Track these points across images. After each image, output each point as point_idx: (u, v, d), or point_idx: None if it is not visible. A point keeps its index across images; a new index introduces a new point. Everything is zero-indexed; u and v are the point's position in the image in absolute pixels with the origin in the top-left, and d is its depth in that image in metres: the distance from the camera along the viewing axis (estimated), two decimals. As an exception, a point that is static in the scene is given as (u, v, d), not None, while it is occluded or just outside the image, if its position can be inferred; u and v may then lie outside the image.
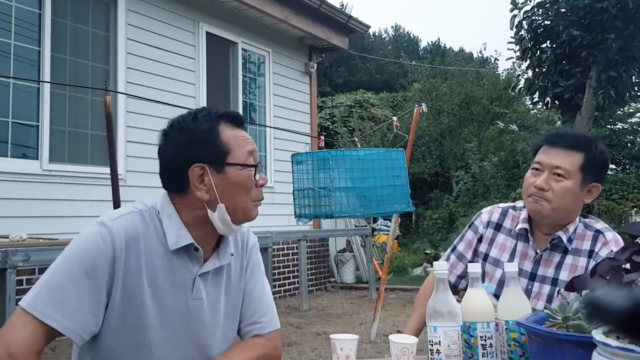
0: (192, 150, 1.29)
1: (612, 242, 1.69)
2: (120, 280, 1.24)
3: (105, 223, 1.25)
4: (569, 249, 1.71)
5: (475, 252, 1.87)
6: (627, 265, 1.02)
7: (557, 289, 1.70)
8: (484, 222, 1.88)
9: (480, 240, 1.87)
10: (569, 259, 1.72)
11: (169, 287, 1.30)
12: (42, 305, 1.18)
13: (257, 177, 1.34)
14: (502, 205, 1.91)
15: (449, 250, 1.97)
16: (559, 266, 1.72)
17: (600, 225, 1.76)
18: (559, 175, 1.67)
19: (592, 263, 1.68)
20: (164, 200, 1.34)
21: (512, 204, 1.88)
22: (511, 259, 1.78)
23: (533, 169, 1.73)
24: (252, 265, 1.48)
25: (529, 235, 1.77)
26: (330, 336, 1.42)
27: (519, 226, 1.78)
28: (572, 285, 1.15)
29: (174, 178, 1.32)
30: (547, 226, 1.74)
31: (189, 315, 1.32)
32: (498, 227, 1.85)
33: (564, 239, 1.71)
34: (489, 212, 1.89)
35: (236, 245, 1.45)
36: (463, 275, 1.86)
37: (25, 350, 1.16)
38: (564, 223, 1.72)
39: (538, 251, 1.75)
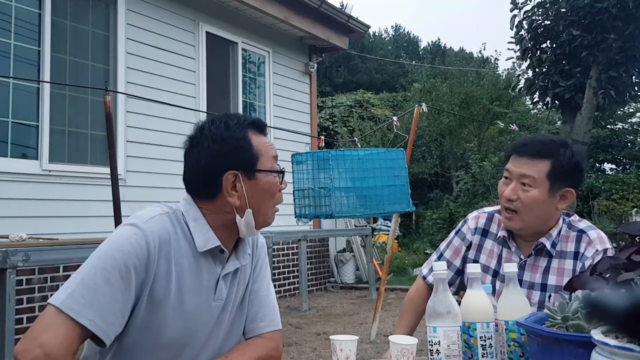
0: (226, 159, 1.32)
1: (597, 240, 1.68)
2: (151, 282, 1.26)
3: (138, 225, 1.26)
4: (554, 253, 1.70)
5: (465, 260, 1.86)
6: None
7: (548, 294, 1.68)
8: (471, 229, 1.87)
9: (469, 247, 1.86)
10: (554, 262, 1.70)
11: (195, 289, 1.32)
12: (77, 304, 1.18)
13: (282, 182, 1.39)
14: (487, 209, 1.89)
15: (434, 257, 1.95)
16: (546, 271, 1.70)
17: (583, 224, 1.74)
18: (525, 184, 1.65)
19: (579, 264, 1.67)
20: (188, 203, 1.36)
21: (497, 208, 1.85)
22: (498, 265, 1.77)
23: (504, 177, 1.73)
24: (260, 265, 1.52)
25: (509, 242, 1.76)
26: (330, 337, 1.42)
27: (500, 233, 1.77)
28: (571, 285, 1.15)
29: (204, 184, 1.34)
30: (527, 235, 1.73)
31: (210, 315, 1.35)
32: (485, 232, 1.84)
33: (548, 245, 1.69)
34: (475, 218, 1.88)
35: (250, 245, 1.48)
36: (450, 283, 1.83)
37: (62, 352, 1.15)
38: (544, 230, 1.71)
39: (522, 257, 1.74)
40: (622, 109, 14.04)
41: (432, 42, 32.35)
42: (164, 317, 1.28)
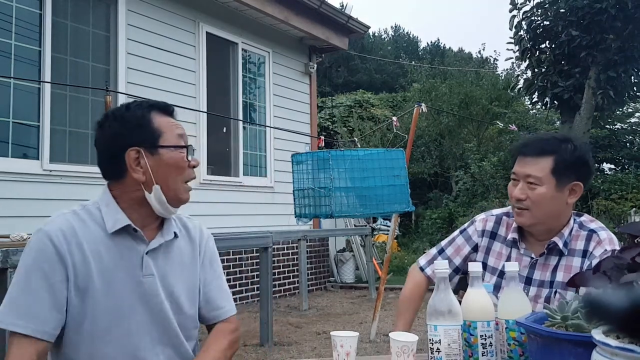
0: (127, 136, 1.40)
1: (606, 240, 1.70)
2: (72, 272, 1.33)
3: (41, 229, 1.36)
4: (565, 252, 1.72)
5: (467, 260, 1.86)
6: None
7: (554, 290, 1.70)
8: (478, 231, 1.87)
9: (475, 249, 1.87)
10: (563, 260, 1.73)
11: (118, 269, 1.38)
12: (6, 316, 1.30)
13: (190, 157, 1.44)
14: (495, 212, 1.91)
15: (435, 251, 1.95)
16: (555, 269, 1.73)
17: (594, 224, 1.76)
18: (531, 183, 1.69)
19: (587, 262, 1.69)
20: (103, 192, 1.45)
21: (506, 211, 1.88)
22: None
23: (512, 179, 1.76)
24: (209, 256, 1.58)
25: (519, 244, 1.78)
26: (331, 333, 1.43)
27: (510, 236, 1.79)
28: (573, 282, 1.16)
29: (111, 164, 1.42)
30: (539, 233, 1.75)
31: (143, 291, 1.40)
32: (493, 235, 1.86)
33: (560, 244, 1.72)
34: (484, 221, 1.89)
35: (187, 232, 1.55)
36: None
37: None
38: (556, 227, 1.73)
39: (533, 256, 1.76)
40: (621, 109, 14.06)
41: (431, 42, 32.35)
42: (95, 302, 1.34)
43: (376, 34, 32.00)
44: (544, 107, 9.34)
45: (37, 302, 1.30)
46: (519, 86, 9.36)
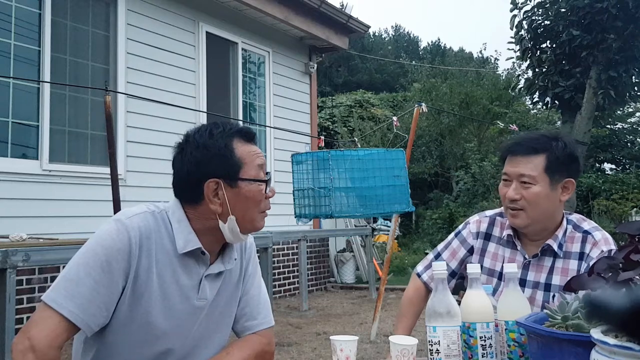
0: (208, 166, 1.35)
1: (602, 241, 1.69)
2: (132, 275, 1.30)
3: (122, 220, 1.31)
4: (561, 254, 1.71)
5: (464, 264, 1.86)
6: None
7: (552, 294, 1.69)
8: (473, 233, 1.87)
9: (471, 252, 1.86)
10: (559, 262, 1.71)
11: (177, 286, 1.35)
12: (59, 296, 1.24)
13: (268, 190, 1.41)
14: (488, 213, 1.90)
15: (431, 256, 1.95)
16: (550, 271, 1.71)
17: (587, 225, 1.75)
18: (525, 182, 1.67)
19: (584, 265, 1.68)
20: (175, 205, 1.40)
21: (499, 211, 1.87)
22: (503, 267, 1.78)
23: (503, 180, 1.74)
24: (250, 266, 1.54)
25: (515, 241, 1.77)
26: (330, 337, 1.42)
27: (505, 233, 1.78)
28: (570, 285, 1.15)
29: (188, 190, 1.38)
30: (534, 233, 1.74)
31: (194, 313, 1.38)
32: (488, 236, 1.85)
33: (555, 246, 1.70)
34: (477, 222, 1.88)
35: (238, 248, 1.50)
36: None
37: (46, 344, 1.21)
38: (550, 227, 1.72)
39: (527, 256, 1.74)
40: (621, 109, 14.05)
41: (432, 42, 32.38)
42: (146, 312, 1.31)
43: (376, 34, 32.02)
44: (544, 107, 9.33)
45: (93, 293, 1.25)
46: (519, 86, 9.35)
